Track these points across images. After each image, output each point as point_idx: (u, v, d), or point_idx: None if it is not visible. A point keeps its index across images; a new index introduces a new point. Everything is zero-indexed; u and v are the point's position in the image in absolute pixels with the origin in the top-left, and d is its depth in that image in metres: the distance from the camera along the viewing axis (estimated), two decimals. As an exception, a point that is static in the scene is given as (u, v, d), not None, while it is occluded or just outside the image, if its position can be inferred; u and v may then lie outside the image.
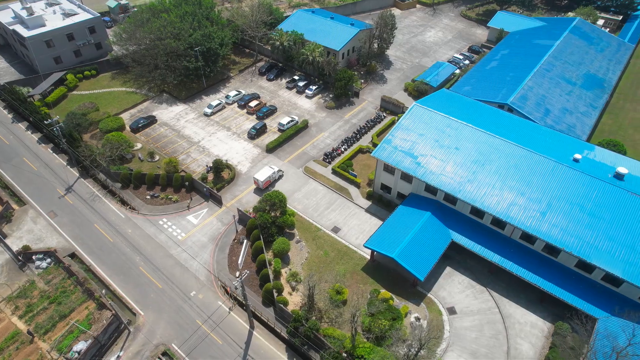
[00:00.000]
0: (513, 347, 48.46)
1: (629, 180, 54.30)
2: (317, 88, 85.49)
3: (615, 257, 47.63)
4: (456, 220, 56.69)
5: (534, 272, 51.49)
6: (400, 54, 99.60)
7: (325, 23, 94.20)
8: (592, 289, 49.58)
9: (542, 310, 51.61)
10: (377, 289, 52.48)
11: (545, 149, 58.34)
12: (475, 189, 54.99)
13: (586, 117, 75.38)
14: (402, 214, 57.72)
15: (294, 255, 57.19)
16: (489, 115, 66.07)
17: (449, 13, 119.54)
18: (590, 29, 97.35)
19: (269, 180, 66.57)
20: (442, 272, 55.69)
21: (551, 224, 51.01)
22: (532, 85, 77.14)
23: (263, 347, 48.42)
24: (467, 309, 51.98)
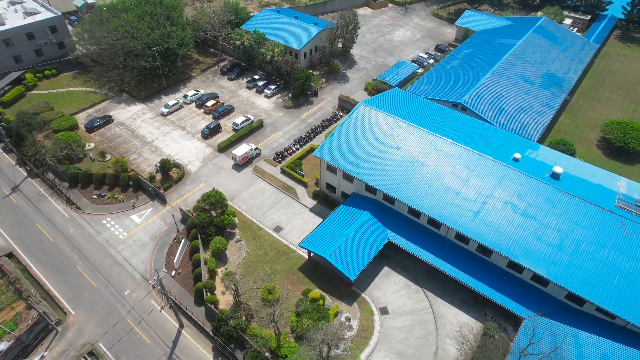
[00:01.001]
0: (441, 347, 48.39)
1: (565, 180, 54.09)
2: (276, 87, 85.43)
3: (542, 257, 47.47)
4: (394, 220, 56.60)
5: (468, 272, 51.35)
6: (366, 53, 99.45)
7: (288, 22, 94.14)
8: (522, 289, 49.44)
9: (475, 311, 51.46)
10: (309, 289, 52.47)
11: (487, 148, 58.05)
12: (413, 188, 54.81)
13: (541, 116, 75.09)
14: (341, 214, 57.63)
15: (232, 255, 57.19)
16: (438, 115, 65.81)
17: (420, 12, 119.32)
18: (555, 29, 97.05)
19: (246, 157, 69.73)
20: (380, 272, 55.62)
21: (484, 223, 50.83)
22: (489, 84, 76.95)
23: (190, 346, 48.46)
24: (400, 309, 51.90)
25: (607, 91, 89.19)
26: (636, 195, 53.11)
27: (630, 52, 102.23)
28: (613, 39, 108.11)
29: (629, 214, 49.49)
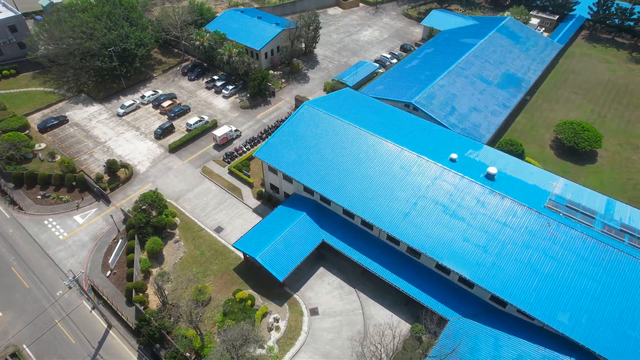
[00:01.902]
0: (367, 348, 48.23)
1: (500, 180, 53.92)
2: (234, 88, 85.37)
3: (467, 258, 47.31)
4: (330, 220, 56.49)
5: (398, 273, 51.22)
6: (330, 53, 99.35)
7: (250, 23, 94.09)
8: (450, 290, 49.30)
9: (406, 312, 51.37)
10: (240, 289, 52.44)
11: (426, 148, 57.87)
12: (348, 190, 54.61)
13: (495, 116, 74.90)
14: (279, 214, 57.56)
15: (170, 255, 57.17)
16: (384, 116, 65.64)
17: (390, 12, 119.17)
18: (519, 29, 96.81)
19: (225, 137, 73.60)
20: (315, 273, 55.56)
21: (412, 225, 50.66)
22: (444, 84, 76.78)
23: (116, 347, 48.45)
24: (330, 310, 51.81)
25: (567, 91, 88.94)
26: (569, 196, 52.96)
27: (595, 52, 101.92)
28: (580, 39, 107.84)
29: (556, 214, 49.36)
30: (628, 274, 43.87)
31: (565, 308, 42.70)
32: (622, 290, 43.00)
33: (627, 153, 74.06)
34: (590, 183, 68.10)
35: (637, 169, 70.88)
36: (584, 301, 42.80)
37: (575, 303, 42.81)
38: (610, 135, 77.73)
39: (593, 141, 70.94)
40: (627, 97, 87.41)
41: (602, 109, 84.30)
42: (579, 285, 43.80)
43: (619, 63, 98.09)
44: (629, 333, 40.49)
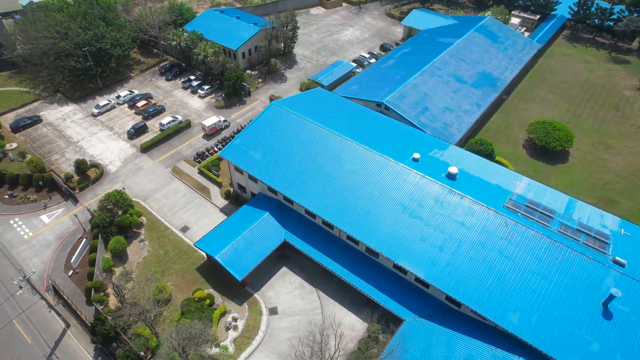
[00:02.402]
0: (323, 348, 48.20)
1: (461, 180, 53.89)
2: (210, 88, 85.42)
3: (423, 258, 47.23)
4: (293, 220, 56.49)
5: (357, 273, 51.18)
6: (309, 53, 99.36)
7: (229, 22, 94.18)
8: (407, 290, 49.25)
9: (365, 312, 51.30)
10: (200, 289, 52.45)
11: (391, 148, 57.82)
12: (310, 189, 54.50)
13: (467, 116, 74.78)
14: (242, 214, 57.55)
15: (134, 255, 57.21)
16: (352, 116, 65.60)
17: (373, 11, 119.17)
18: (498, 28, 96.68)
19: (214, 127, 75.38)
20: (277, 272, 55.57)
21: (371, 224, 50.61)
22: (418, 83, 76.71)
23: (72, 346, 48.48)
24: (290, 310, 51.80)
25: (544, 91, 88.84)
26: (531, 196, 52.91)
27: (575, 52, 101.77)
28: (561, 38, 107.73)
29: (515, 214, 49.31)
30: (580, 273, 43.78)
31: (516, 308, 42.61)
32: (573, 290, 42.91)
33: (599, 152, 73.93)
34: (560, 182, 68.08)
35: (607, 169, 70.75)
36: (535, 301, 42.70)
37: (527, 303, 42.71)
38: (583, 134, 77.63)
39: (564, 141, 70.85)
40: (603, 96, 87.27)
41: (578, 108, 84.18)
42: (532, 285, 43.69)
43: (598, 63, 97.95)
44: (576, 332, 40.39)
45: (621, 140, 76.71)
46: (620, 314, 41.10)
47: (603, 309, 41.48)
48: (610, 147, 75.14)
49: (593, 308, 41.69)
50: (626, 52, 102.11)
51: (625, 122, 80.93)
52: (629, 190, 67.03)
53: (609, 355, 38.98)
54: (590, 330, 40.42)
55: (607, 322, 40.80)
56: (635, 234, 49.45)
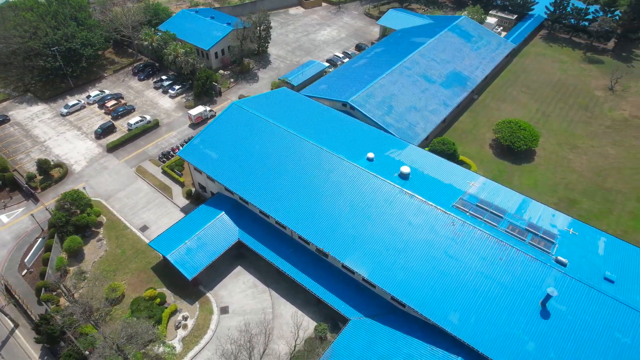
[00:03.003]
0: (270, 347, 48.27)
1: (414, 179, 53.97)
2: (181, 88, 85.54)
3: (369, 257, 47.29)
4: (248, 220, 56.59)
5: (309, 273, 51.26)
6: (284, 53, 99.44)
7: (202, 23, 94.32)
8: (355, 290, 49.29)
9: (316, 312, 51.42)
10: (153, 288, 52.58)
11: (348, 148, 57.93)
12: (264, 189, 54.62)
13: (434, 115, 74.82)
14: (198, 213, 57.65)
15: (90, 254, 57.36)
16: (315, 116, 65.66)
17: (352, 11, 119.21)
18: (473, 28, 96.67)
19: (200, 117, 77.73)
20: (231, 272, 55.71)
21: (321, 224, 50.60)
22: (385, 83, 76.79)
23: (20, 346, 48.57)
24: (241, 309, 51.93)
25: (516, 90, 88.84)
26: (483, 196, 52.94)
27: (551, 52, 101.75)
28: (538, 38, 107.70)
29: (463, 214, 49.35)
30: (522, 272, 43.82)
31: (457, 308, 42.66)
32: (515, 289, 42.95)
33: (565, 152, 73.95)
34: (524, 182, 68.16)
35: (572, 169, 70.77)
36: (477, 301, 42.73)
37: (468, 303, 42.76)
38: (551, 134, 77.67)
39: (529, 140, 70.84)
40: (574, 96, 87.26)
41: (548, 108, 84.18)
42: (475, 285, 43.71)
43: (572, 63, 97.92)
44: (513, 332, 40.46)
45: (588, 140, 76.72)
46: (558, 313, 41.15)
47: (541, 309, 41.53)
48: (576, 147, 75.16)
49: (532, 307, 41.73)
50: (601, 52, 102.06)
51: (593, 122, 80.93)
52: (591, 190, 67.06)
53: (542, 353, 39.05)
54: (527, 330, 40.48)
55: (545, 321, 40.86)
56: (583, 233, 49.53)
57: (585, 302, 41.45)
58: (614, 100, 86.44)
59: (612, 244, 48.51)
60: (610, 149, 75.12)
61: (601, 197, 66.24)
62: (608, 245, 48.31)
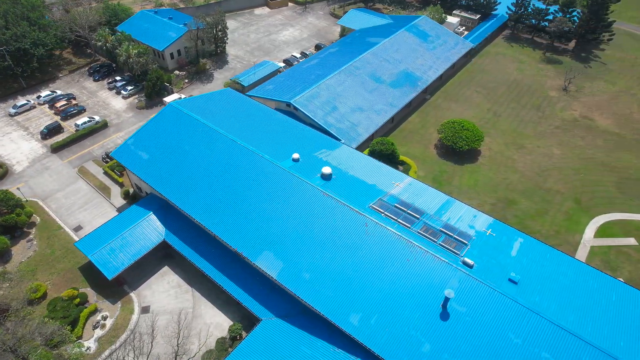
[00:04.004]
0: (186, 347, 48.42)
1: (336, 180, 54.11)
2: (134, 88, 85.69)
3: (281, 258, 47.32)
4: (176, 220, 56.62)
5: (229, 273, 51.29)
6: (242, 53, 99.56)
7: (159, 23, 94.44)
8: (270, 290, 49.29)
9: (235, 312, 51.56)
10: (76, 287, 52.79)
11: (277, 150, 58.03)
12: (190, 189, 54.77)
13: (378, 116, 74.91)
14: (128, 213, 57.74)
15: (18, 254, 57.56)
16: (253, 117, 65.66)
17: (318, 11, 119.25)
18: (431, 27, 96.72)
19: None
20: (157, 272, 55.89)
21: (238, 224, 50.62)
22: (332, 83, 76.93)
23: (-63, 346, 48.93)
24: (162, 309, 52.10)
25: (470, 90, 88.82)
26: (405, 197, 53.01)
27: (511, 52, 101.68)
28: (500, 38, 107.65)
29: (378, 214, 49.44)
30: (428, 274, 43.89)
31: (359, 309, 42.75)
32: (419, 291, 42.98)
33: (510, 152, 73.93)
34: (464, 182, 68.17)
35: (515, 169, 70.76)
36: (379, 302, 42.77)
37: (370, 304, 42.80)
38: (499, 134, 77.66)
39: (472, 141, 70.81)
40: (527, 96, 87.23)
41: (500, 108, 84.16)
42: (380, 286, 43.74)
43: (530, 63, 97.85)
44: (411, 333, 40.53)
45: (535, 140, 76.69)
46: (457, 314, 41.22)
47: (442, 310, 41.61)
48: (523, 147, 75.12)
49: (433, 309, 41.79)
50: (561, 52, 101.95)
51: (543, 122, 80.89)
52: (530, 191, 67.05)
53: (436, 355, 39.12)
54: (425, 331, 40.55)
55: (443, 322, 40.92)
56: (501, 234, 49.55)
57: (484, 304, 41.51)
58: (567, 101, 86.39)
59: (528, 245, 48.58)
60: (555, 149, 75.11)
61: (540, 197, 66.26)
62: (523, 246, 48.39)
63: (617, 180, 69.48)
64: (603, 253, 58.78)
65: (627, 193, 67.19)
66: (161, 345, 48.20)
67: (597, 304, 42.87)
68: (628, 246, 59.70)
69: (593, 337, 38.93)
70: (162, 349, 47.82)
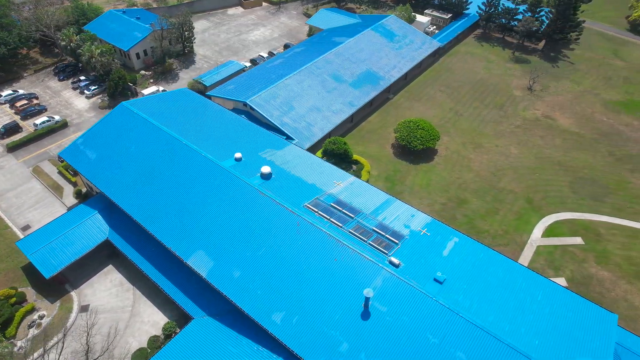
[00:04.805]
0: (120, 345, 48.74)
1: (275, 179, 54.21)
2: (98, 88, 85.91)
3: (211, 257, 47.42)
4: (121, 219, 56.73)
5: (168, 271, 51.47)
6: (211, 53, 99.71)
7: (126, 23, 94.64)
8: (205, 289, 49.29)
9: (174, 310, 51.74)
10: (15, 287, 53.07)
11: (222, 149, 58.12)
12: (132, 189, 54.95)
13: (336, 115, 75.02)
14: (73, 213, 57.90)
15: (-41, 254, 58.01)
16: (205, 117, 65.77)
17: (292, 11, 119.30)
18: (399, 27, 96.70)
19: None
20: (101, 271, 56.13)
21: (172, 222, 50.78)
22: (291, 83, 77.08)
23: None
24: (101, 307, 52.33)
25: (434, 89, 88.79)
26: (343, 196, 53.05)
27: (480, 51, 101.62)
28: (471, 37, 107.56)
29: (312, 214, 49.51)
30: (354, 273, 43.87)
31: (283, 308, 42.86)
32: (343, 290, 43.00)
33: (467, 152, 73.91)
34: (417, 182, 68.19)
35: (469, 169, 70.74)
36: (303, 301, 42.80)
37: (294, 303, 42.85)
38: (458, 133, 77.64)
39: (426, 140, 70.75)
40: (492, 96, 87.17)
41: (462, 107, 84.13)
42: (306, 285, 43.84)
43: (498, 62, 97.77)
44: (331, 333, 40.54)
45: (494, 140, 76.67)
46: (378, 314, 41.26)
47: (363, 309, 41.68)
48: (480, 147, 75.11)
49: (355, 308, 41.84)
50: (531, 52, 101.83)
51: (504, 122, 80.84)
52: (483, 190, 67.06)
53: (353, 355, 39.20)
54: (345, 331, 40.60)
55: (363, 322, 40.97)
56: (436, 234, 49.54)
57: (405, 303, 41.56)
58: (530, 100, 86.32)
59: (462, 245, 48.55)
60: (513, 148, 75.08)
61: (492, 196, 66.27)
62: (457, 246, 48.39)
63: (571, 179, 69.47)
64: (548, 253, 58.81)
65: (579, 193, 67.18)
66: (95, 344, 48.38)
67: (520, 303, 42.87)
68: (574, 245, 59.75)
69: (508, 336, 38.98)
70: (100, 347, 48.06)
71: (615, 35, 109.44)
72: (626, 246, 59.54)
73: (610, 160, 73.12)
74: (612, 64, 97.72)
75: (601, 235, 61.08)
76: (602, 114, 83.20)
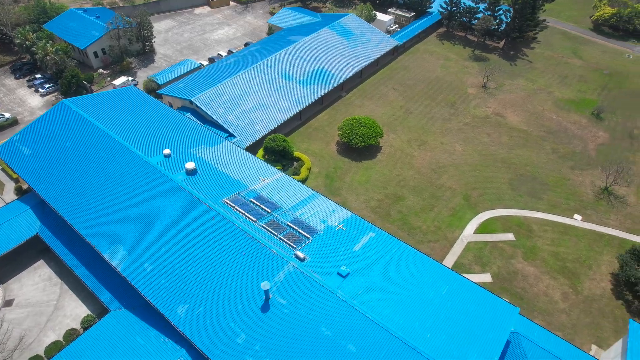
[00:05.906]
0: (39, 339, 49.48)
1: (201, 175, 54.88)
2: (52, 86, 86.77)
3: (127, 250, 48.21)
4: (52, 215, 57.27)
5: (93, 266, 52.14)
6: (171, 52, 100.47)
7: (85, 22, 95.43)
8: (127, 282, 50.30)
9: (97, 304, 52.22)
10: (-58, 282, 54.03)
11: (155, 146, 58.77)
12: (60, 184, 55.72)
13: (281, 113, 75.70)
14: (6, 209, 58.80)
15: None
16: (147, 114, 66.21)
17: (259, 10, 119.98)
18: (356, 25, 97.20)
19: (123, 86, 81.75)
20: (31, 265, 56.92)
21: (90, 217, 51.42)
22: (239, 81, 77.80)
23: None
24: (25, 302, 53.09)
25: (388, 88, 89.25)
26: (266, 192, 53.70)
27: (440, 49, 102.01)
28: (434, 36, 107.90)
29: (229, 209, 50.18)
30: (260, 267, 44.39)
31: (188, 301, 43.55)
32: (248, 283, 43.57)
33: (411, 149, 74.38)
34: (357, 179, 68.71)
35: (411, 166, 71.20)
36: (208, 293, 43.51)
37: (199, 296, 43.52)
38: (405, 131, 78.10)
39: (368, 137, 71.24)
40: (445, 94, 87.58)
41: (413, 105, 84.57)
42: (213, 278, 44.47)
43: (457, 60, 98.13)
44: (230, 325, 41.19)
45: (440, 137, 77.11)
46: (277, 306, 41.84)
47: (264, 302, 42.29)
48: (425, 144, 75.56)
49: (257, 301, 42.46)
50: (491, 50, 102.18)
51: (453, 120, 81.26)
52: (420, 187, 67.54)
53: (249, 346, 39.86)
54: (243, 323, 41.22)
55: (262, 315, 41.55)
56: (352, 229, 50.06)
57: (304, 296, 42.14)
58: (483, 98, 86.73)
59: (377, 240, 49.06)
60: (458, 145, 75.52)
61: (430, 193, 66.74)
62: (372, 241, 48.90)
63: (511, 176, 69.88)
64: (478, 249, 59.26)
65: (518, 189, 67.59)
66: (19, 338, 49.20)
67: (423, 297, 43.35)
68: (505, 242, 60.19)
69: (400, 329, 39.47)
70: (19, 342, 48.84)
71: (578, 35, 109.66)
72: (555, 242, 59.96)
73: (553, 158, 73.48)
74: (569, 63, 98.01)
75: (533, 231, 61.50)
76: (552, 112, 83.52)
